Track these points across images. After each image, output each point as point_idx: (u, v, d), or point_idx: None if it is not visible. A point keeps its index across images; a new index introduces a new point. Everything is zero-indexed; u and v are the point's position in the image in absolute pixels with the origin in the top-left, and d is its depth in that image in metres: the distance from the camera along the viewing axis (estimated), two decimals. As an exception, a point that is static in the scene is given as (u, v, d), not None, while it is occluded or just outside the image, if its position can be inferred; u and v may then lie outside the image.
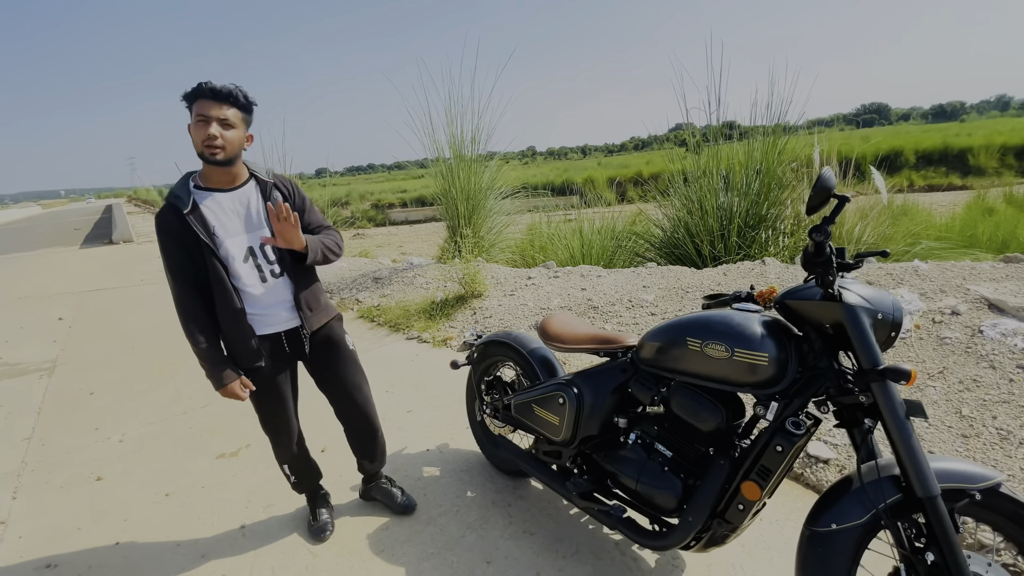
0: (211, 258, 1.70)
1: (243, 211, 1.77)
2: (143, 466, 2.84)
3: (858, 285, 1.34)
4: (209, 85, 1.61)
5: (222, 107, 1.62)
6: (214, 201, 1.73)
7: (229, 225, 1.73)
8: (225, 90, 1.62)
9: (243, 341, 1.80)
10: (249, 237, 1.77)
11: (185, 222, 1.67)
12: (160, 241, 1.70)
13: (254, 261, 1.79)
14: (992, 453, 2.09)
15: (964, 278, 3.32)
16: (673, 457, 1.63)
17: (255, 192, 1.80)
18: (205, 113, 1.60)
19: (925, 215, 9.05)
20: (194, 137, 1.63)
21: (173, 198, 1.69)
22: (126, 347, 4.97)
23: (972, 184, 19.21)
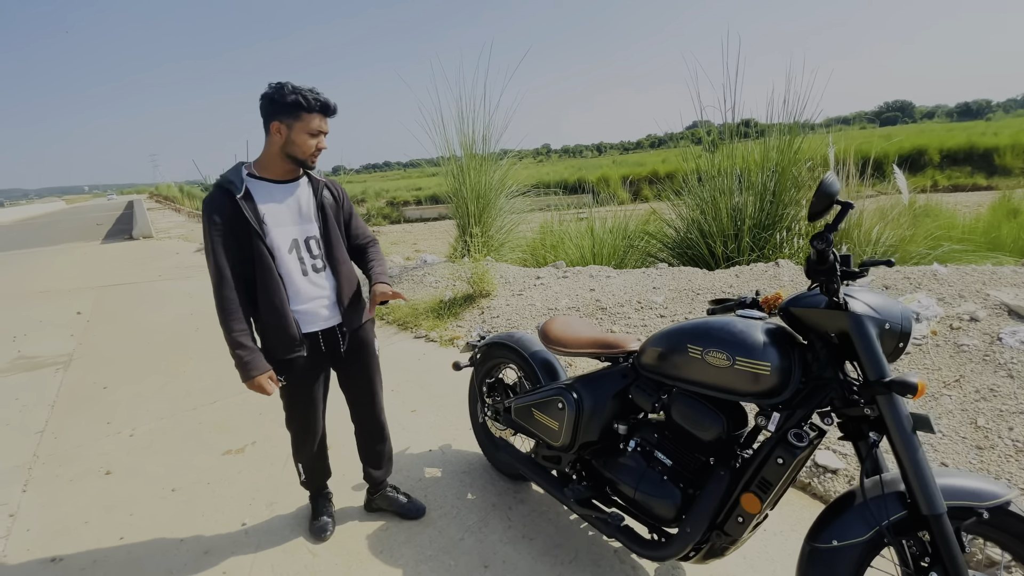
0: (259, 244, 1.71)
1: (294, 204, 1.81)
2: (151, 461, 2.88)
3: (866, 293, 1.30)
4: (322, 99, 1.69)
5: (327, 122, 1.75)
6: (267, 190, 1.76)
7: (279, 215, 1.77)
8: (334, 107, 1.74)
9: (285, 329, 1.78)
10: (296, 229, 1.81)
11: (237, 207, 1.68)
12: (206, 225, 1.70)
13: (297, 254, 1.82)
14: (1007, 465, 2.01)
15: (984, 283, 3.22)
16: (673, 466, 1.60)
17: (307, 188, 1.86)
18: (319, 128, 1.71)
19: (948, 216, 8.81)
20: (299, 144, 1.70)
21: (226, 183, 1.70)
22: (141, 342, 5.05)
23: (998, 184, 18.68)
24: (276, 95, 1.65)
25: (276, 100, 1.66)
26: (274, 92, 1.66)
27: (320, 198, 1.87)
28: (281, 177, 1.80)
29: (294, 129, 1.68)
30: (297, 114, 1.67)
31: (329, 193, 1.91)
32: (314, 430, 2.03)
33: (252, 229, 1.70)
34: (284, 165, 1.77)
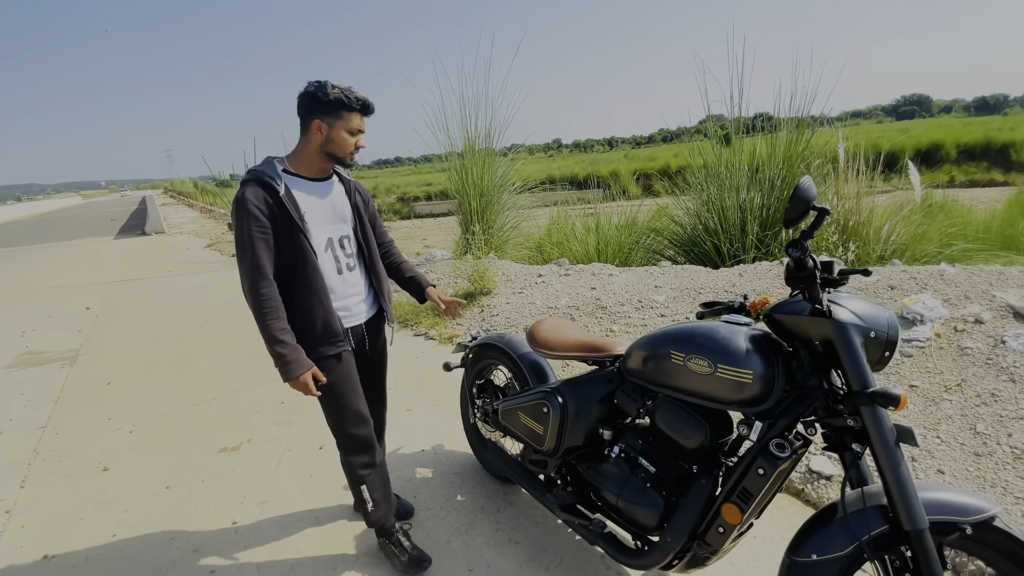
0: (303, 240, 1.67)
1: (330, 203, 1.80)
2: (148, 457, 2.91)
3: (852, 299, 1.26)
4: (362, 99, 1.68)
5: (364, 121, 1.74)
6: (304, 187, 1.73)
7: (316, 213, 1.74)
8: (372, 107, 1.73)
9: (331, 323, 1.74)
10: (331, 228, 1.80)
11: (280, 202, 1.63)
12: (244, 221, 1.59)
13: (332, 252, 1.80)
14: (1004, 473, 1.96)
15: (991, 284, 3.14)
16: (656, 473, 1.57)
17: (340, 188, 1.86)
18: (358, 127, 1.70)
19: (964, 212, 8.62)
20: (339, 142, 1.68)
21: (267, 177, 1.64)
22: (147, 337, 5.11)
23: (1014, 180, 18.24)
24: (319, 93, 1.63)
25: (318, 98, 1.63)
26: (316, 90, 1.63)
27: (353, 198, 1.88)
28: (316, 175, 1.78)
29: (335, 128, 1.66)
30: (339, 112, 1.65)
31: (359, 195, 1.93)
32: (368, 429, 1.88)
33: (295, 225, 1.65)
34: (321, 163, 1.75)
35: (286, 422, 3.15)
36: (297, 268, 1.68)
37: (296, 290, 1.70)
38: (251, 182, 1.64)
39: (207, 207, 23.15)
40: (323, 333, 1.74)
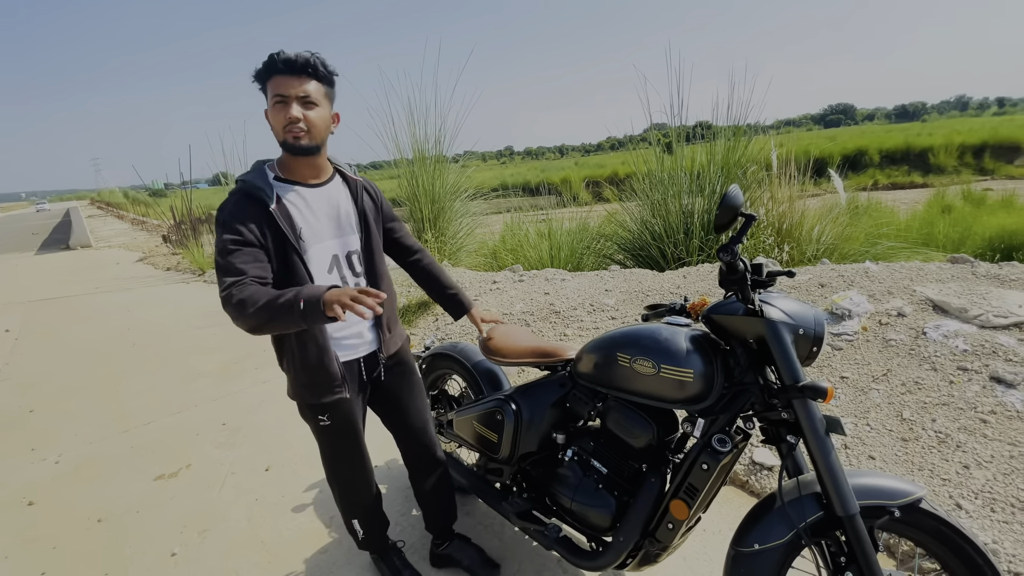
0: (297, 264, 1.39)
1: (332, 212, 1.49)
2: (78, 489, 2.70)
3: (781, 299, 1.32)
4: (282, 56, 1.33)
5: (300, 81, 1.34)
6: (299, 197, 1.43)
7: (317, 228, 1.44)
8: (301, 60, 1.33)
9: (326, 367, 1.47)
10: (336, 243, 1.50)
11: (271, 219, 1.36)
12: (226, 238, 1.32)
13: (339, 272, 1.51)
14: (930, 457, 2.11)
15: (912, 279, 3.39)
16: (608, 474, 1.60)
17: (343, 191, 1.54)
18: (282, 92, 1.33)
19: (888, 214, 9.31)
20: (273, 123, 1.38)
21: (253, 188, 1.36)
22: (73, 360, 4.76)
23: (932, 182, 19.88)
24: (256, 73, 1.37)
25: (256, 73, 1.37)
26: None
27: (361, 203, 1.56)
28: (310, 179, 1.47)
29: (269, 108, 1.38)
30: (264, 88, 1.37)
31: (368, 196, 1.60)
32: (364, 472, 1.70)
33: (289, 245, 1.37)
34: (299, 162, 1.44)
35: (228, 444, 3.00)
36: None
37: None
38: (237, 194, 1.39)
39: (139, 218, 21.86)
40: (317, 378, 1.48)
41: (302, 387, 1.52)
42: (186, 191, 11.62)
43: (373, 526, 1.80)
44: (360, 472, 1.70)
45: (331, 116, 1.46)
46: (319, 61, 1.37)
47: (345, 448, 1.64)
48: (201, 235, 10.41)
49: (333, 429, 1.59)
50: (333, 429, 1.59)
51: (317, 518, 2.29)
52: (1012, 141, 24.09)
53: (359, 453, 1.67)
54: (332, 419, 1.57)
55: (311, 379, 1.49)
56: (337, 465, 1.69)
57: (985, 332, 2.68)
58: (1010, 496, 1.88)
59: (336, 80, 1.46)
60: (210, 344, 4.90)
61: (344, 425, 1.59)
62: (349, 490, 1.72)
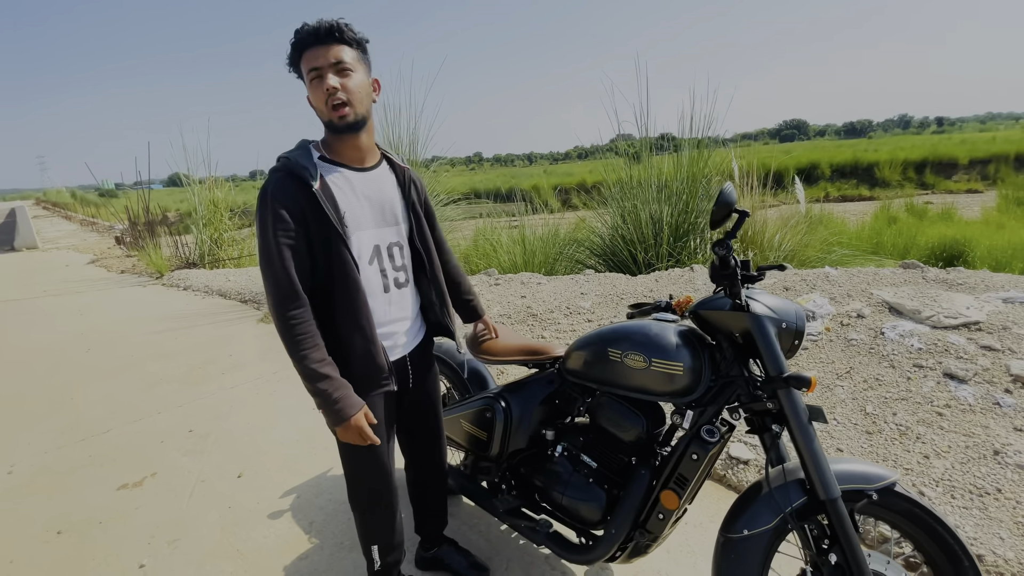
0: (342, 250, 1.31)
1: (377, 200, 1.41)
2: (32, 500, 2.54)
3: (765, 295, 1.39)
4: (306, 27, 1.26)
5: (330, 50, 1.27)
6: (344, 179, 1.35)
7: (360, 215, 1.36)
8: (325, 26, 1.26)
9: (374, 356, 1.38)
10: (378, 233, 1.42)
11: (314, 200, 1.27)
12: (267, 222, 1.26)
13: (379, 264, 1.42)
14: (892, 448, 2.23)
15: (869, 283, 3.58)
16: (598, 468, 1.63)
17: (390, 179, 1.46)
18: (315, 64, 1.26)
19: (839, 224, 9.82)
20: (314, 102, 1.31)
21: (297, 167, 1.28)
22: (21, 367, 4.47)
23: (878, 195, 21.05)
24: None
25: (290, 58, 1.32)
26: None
27: (409, 193, 1.49)
28: (357, 162, 1.39)
29: (306, 83, 1.31)
30: (297, 62, 1.31)
31: (415, 189, 1.52)
32: (392, 492, 1.58)
33: (333, 230, 1.30)
34: (345, 143, 1.36)
35: (196, 451, 2.89)
36: (334, 284, 1.33)
37: (332, 313, 1.35)
38: (279, 172, 1.30)
39: (89, 219, 20.78)
40: (364, 369, 1.38)
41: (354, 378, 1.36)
42: (142, 191, 11.13)
43: (391, 557, 1.67)
44: (390, 493, 1.57)
45: (371, 82, 1.37)
46: (345, 25, 1.29)
47: (376, 462, 1.50)
48: (159, 236, 9.97)
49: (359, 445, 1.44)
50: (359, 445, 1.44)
51: (296, 524, 2.23)
52: (950, 158, 25.79)
53: (390, 470, 1.54)
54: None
55: (364, 369, 1.38)
56: (361, 483, 1.54)
57: (937, 332, 2.86)
58: (967, 483, 2.01)
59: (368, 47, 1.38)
60: (170, 349, 4.70)
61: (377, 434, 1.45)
62: (374, 513, 1.59)
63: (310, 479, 2.53)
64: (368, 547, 1.64)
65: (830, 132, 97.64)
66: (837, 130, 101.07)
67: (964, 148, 26.62)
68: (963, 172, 25.29)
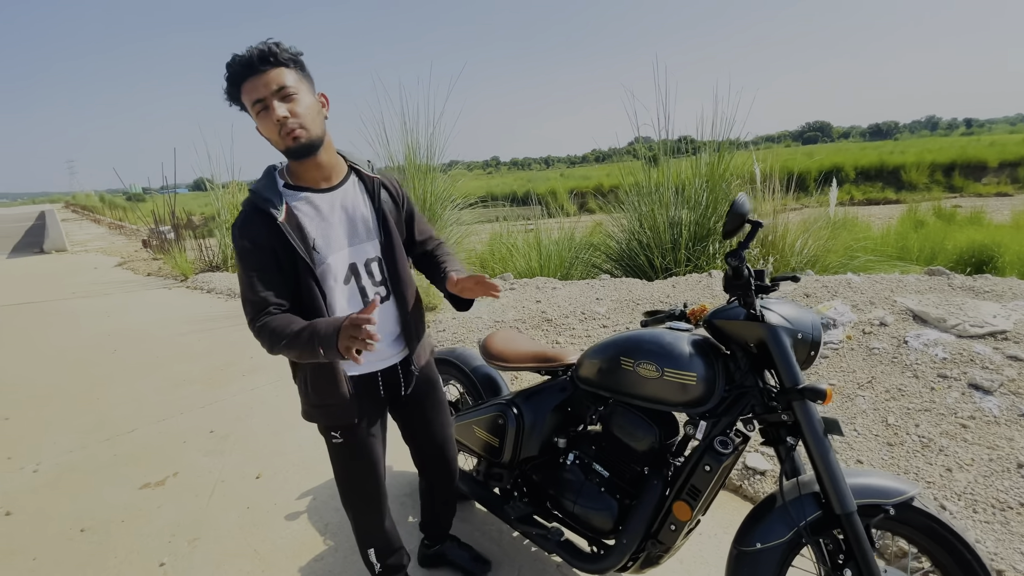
0: (308, 280, 1.32)
1: (345, 217, 1.39)
2: (58, 499, 2.62)
3: (781, 305, 1.37)
4: (236, 59, 1.22)
5: (267, 76, 1.22)
6: (309, 204, 1.34)
7: (331, 236, 1.35)
8: (256, 53, 1.21)
9: (337, 387, 1.39)
10: (353, 251, 1.40)
11: (279, 232, 1.28)
12: (243, 254, 1.30)
13: (357, 283, 1.41)
14: (914, 461, 2.18)
15: (892, 290, 3.50)
16: (610, 477, 1.62)
17: (359, 191, 1.43)
18: (257, 95, 1.22)
19: (864, 228, 9.61)
20: (266, 134, 1.28)
21: (261, 201, 1.29)
22: (49, 367, 4.62)
23: (905, 199, 20.54)
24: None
25: (227, 91, 1.28)
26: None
27: (379, 204, 1.44)
28: (321, 183, 1.37)
29: (252, 117, 1.28)
30: (236, 93, 1.26)
31: (387, 194, 1.48)
32: (379, 498, 1.59)
33: (301, 260, 1.30)
34: (305, 166, 1.34)
35: (217, 451, 2.95)
36: (304, 313, 1.32)
37: None
38: (247, 206, 1.32)
39: (116, 223, 21.38)
40: (325, 400, 1.41)
41: (312, 408, 1.45)
42: (168, 195, 11.42)
43: (390, 559, 1.66)
44: (375, 498, 1.58)
45: (317, 99, 1.32)
46: (276, 45, 1.24)
47: (358, 471, 1.53)
48: (184, 240, 10.22)
49: (347, 449, 1.49)
50: (347, 449, 1.49)
51: (312, 525, 2.27)
52: (979, 160, 25.06)
53: (375, 478, 1.55)
54: (345, 437, 1.47)
55: (321, 400, 1.42)
56: (349, 489, 1.57)
57: (963, 341, 2.79)
58: (990, 497, 1.95)
59: (303, 59, 1.32)
60: (195, 350, 4.81)
61: (359, 446, 1.49)
62: (365, 516, 1.61)
63: (326, 481, 2.56)
64: (365, 550, 1.64)
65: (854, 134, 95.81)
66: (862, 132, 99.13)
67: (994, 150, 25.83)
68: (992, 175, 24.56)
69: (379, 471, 1.56)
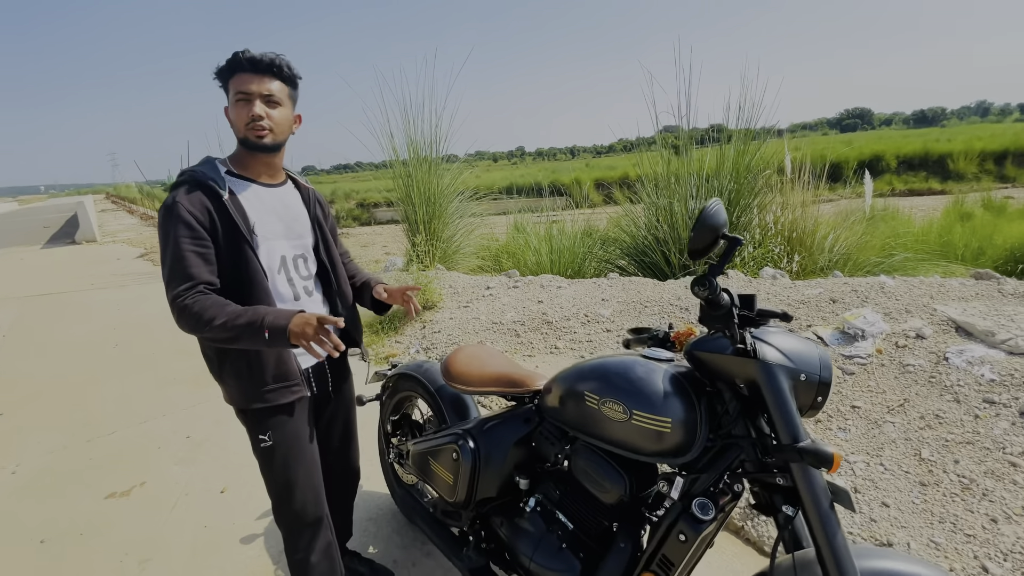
0: (251, 256, 1.34)
1: (285, 213, 1.46)
2: (27, 504, 2.53)
3: (779, 335, 1.09)
4: (247, 55, 1.31)
5: (264, 81, 1.33)
6: (253, 193, 1.40)
7: (268, 225, 1.41)
8: (266, 60, 1.32)
9: (287, 361, 1.39)
10: (287, 244, 1.47)
11: (224, 209, 1.30)
12: (171, 231, 1.25)
13: (286, 274, 1.46)
14: (951, 506, 1.86)
15: (932, 296, 3.11)
16: (573, 530, 1.37)
17: (295, 196, 1.53)
18: (245, 89, 1.31)
19: (904, 221, 8.95)
20: (234, 119, 1.35)
21: (205, 178, 1.30)
22: (53, 361, 4.61)
23: (951, 189, 19.33)
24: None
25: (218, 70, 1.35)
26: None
27: (313, 209, 1.55)
28: (265, 178, 1.45)
29: (230, 105, 1.35)
30: (225, 86, 1.35)
31: (319, 206, 1.59)
32: (320, 508, 1.50)
33: (242, 237, 1.32)
34: (256, 159, 1.41)
35: (188, 460, 2.81)
36: (243, 291, 1.32)
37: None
38: (185, 184, 1.31)
39: (148, 213, 21.96)
40: (275, 374, 1.37)
41: (253, 388, 1.36)
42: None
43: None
44: (318, 506, 1.48)
45: (293, 117, 1.44)
46: (284, 62, 1.36)
47: (300, 474, 1.44)
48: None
49: (279, 452, 1.42)
50: (279, 452, 1.42)
51: (266, 552, 2.09)
52: (1035, 148, 23.39)
53: (316, 481, 1.47)
54: (276, 439, 1.41)
55: (274, 374, 1.37)
56: (286, 497, 1.44)
57: (1015, 359, 2.41)
58: (1047, 560, 1.62)
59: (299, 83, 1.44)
60: (191, 347, 4.62)
61: (292, 448, 1.42)
62: (301, 527, 1.48)
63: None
64: (298, 573, 1.50)
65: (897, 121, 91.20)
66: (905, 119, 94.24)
67: (1051, 137, 24.09)
68: (1050, 163, 22.91)
69: (315, 479, 1.49)
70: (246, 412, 1.42)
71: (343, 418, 1.72)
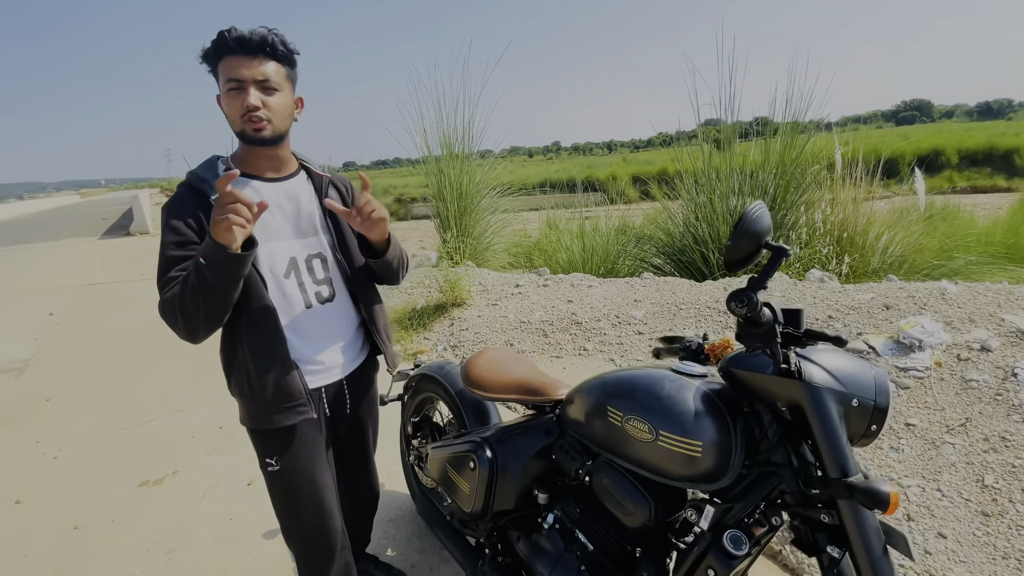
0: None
1: (291, 209, 1.33)
2: (65, 490, 2.63)
3: (828, 354, 0.98)
4: (234, 34, 1.15)
5: (256, 63, 1.16)
6: (252, 191, 1.27)
7: (272, 225, 1.29)
8: (257, 38, 1.15)
9: (285, 379, 1.27)
10: (296, 244, 1.33)
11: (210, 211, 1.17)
12: (163, 237, 1.20)
13: (297, 278, 1.32)
14: (1017, 540, 1.67)
15: (999, 305, 2.85)
16: (593, 552, 1.29)
17: (307, 188, 1.37)
18: (236, 76, 1.15)
19: (965, 221, 8.34)
20: (227, 110, 1.20)
21: (197, 181, 1.22)
22: (103, 347, 4.83)
23: (1018, 186, 17.99)
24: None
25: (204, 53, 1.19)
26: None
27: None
28: (270, 173, 1.31)
29: (220, 86, 1.20)
30: (215, 71, 1.19)
31: (336, 193, 1.42)
32: (333, 534, 1.42)
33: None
34: (257, 154, 1.27)
35: (219, 451, 2.87)
36: (241, 303, 1.20)
37: (239, 337, 1.24)
38: (181, 187, 1.25)
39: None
40: (275, 396, 1.26)
41: (257, 409, 1.28)
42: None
43: None
44: (328, 533, 1.40)
45: (294, 101, 1.29)
46: (277, 39, 1.19)
47: (305, 500, 1.36)
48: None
49: (286, 478, 1.33)
50: (286, 478, 1.33)
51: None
52: (1116, 142, 21.52)
53: (326, 507, 1.38)
54: (283, 464, 1.32)
55: (273, 394, 1.27)
56: (294, 522, 1.39)
57: (1098, 378, 2.17)
58: None
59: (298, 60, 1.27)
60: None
61: (300, 475, 1.33)
62: (311, 555, 1.43)
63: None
64: None
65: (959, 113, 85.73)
66: (968, 111, 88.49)
67: None
68: None
69: (327, 503, 1.40)
70: (255, 433, 1.35)
71: (361, 437, 1.60)
